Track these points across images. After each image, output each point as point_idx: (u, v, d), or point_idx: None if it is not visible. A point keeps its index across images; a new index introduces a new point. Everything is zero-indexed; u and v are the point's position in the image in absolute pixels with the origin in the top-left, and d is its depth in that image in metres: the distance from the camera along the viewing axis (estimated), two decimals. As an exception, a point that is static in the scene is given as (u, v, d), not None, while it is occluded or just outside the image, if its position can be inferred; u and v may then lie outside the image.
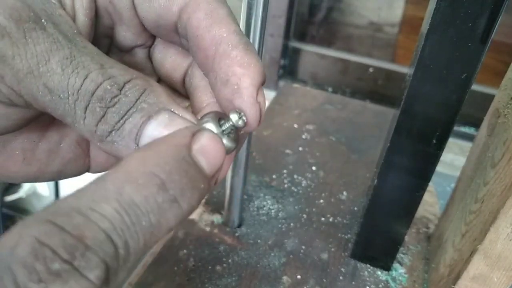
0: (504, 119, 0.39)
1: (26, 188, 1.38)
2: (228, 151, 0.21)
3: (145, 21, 0.24)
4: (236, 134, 0.22)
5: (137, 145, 0.20)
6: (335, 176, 0.65)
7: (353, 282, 0.49)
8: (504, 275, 0.39)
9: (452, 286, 0.43)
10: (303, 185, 0.62)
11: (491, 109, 0.44)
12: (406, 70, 0.42)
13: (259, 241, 0.52)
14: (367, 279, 0.49)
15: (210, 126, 0.21)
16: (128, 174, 0.17)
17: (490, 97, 0.44)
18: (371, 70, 1.14)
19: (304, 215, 0.57)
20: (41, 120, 0.24)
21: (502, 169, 0.37)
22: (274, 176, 0.63)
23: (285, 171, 0.64)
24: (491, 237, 0.38)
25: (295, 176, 0.63)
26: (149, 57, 0.27)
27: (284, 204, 0.58)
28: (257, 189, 0.60)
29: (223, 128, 0.21)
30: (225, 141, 0.21)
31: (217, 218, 0.54)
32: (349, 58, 1.16)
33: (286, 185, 0.61)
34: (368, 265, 0.51)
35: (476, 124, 1.04)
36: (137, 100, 0.20)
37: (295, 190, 0.61)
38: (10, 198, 1.36)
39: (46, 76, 0.19)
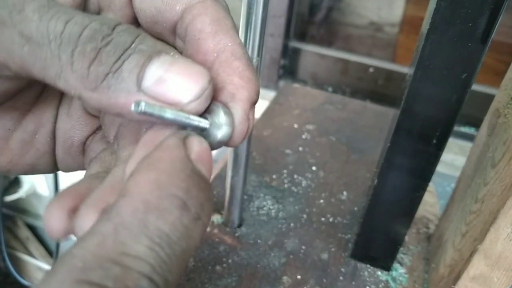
0: (504, 119, 0.39)
1: (26, 188, 1.38)
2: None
3: (140, 14, 0.22)
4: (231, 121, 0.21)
5: (140, 87, 0.18)
6: (335, 176, 0.65)
7: (353, 282, 0.49)
8: (504, 275, 0.39)
9: (452, 286, 0.43)
10: (303, 185, 0.62)
11: (491, 109, 0.44)
12: (406, 70, 0.42)
13: (259, 241, 0.52)
14: (367, 279, 0.49)
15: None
16: (146, 202, 0.15)
17: (490, 97, 0.44)
18: (371, 70, 1.14)
19: (304, 215, 0.57)
20: (17, 106, 0.23)
21: (502, 169, 0.37)
22: (274, 176, 0.63)
23: (285, 171, 0.64)
24: (491, 237, 0.38)
25: (295, 176, 0.63)
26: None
27: (284, 204, 0.58)
28: (257, 189, 0.60)
29: (215, 119, 0.20)
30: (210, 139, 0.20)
31: (217, 218, 0.54)
32: (349, 58, 1.16)
33: (286, 185, 0.61)
34: (368, 265, 0.51)
35: (476, 124, 1.04)
36: (132, 42, 0.18)
37: (295, 190, 0.61)
38: (10, 198, 1.36)
39: (21, 24, 0.17)
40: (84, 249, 0.14)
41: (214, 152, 0.82)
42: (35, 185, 1.40)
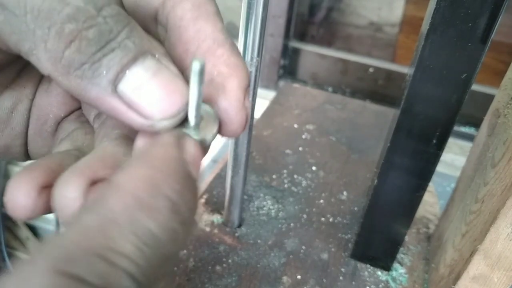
0: (504, 119, 0.39)
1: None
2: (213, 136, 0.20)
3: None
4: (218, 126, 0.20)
5: (115, 88, 0.16)
6: (335, 176, 0.65)
7: (353, 282, 0.49)
8: (504, 275, 0.39)
9: (452, 286, 0.43)
10: (303, 185, 0.62)
11: (491, 109, 0.44)
12: (406, 70, 0.42)
13: (259, 241, 0.52)
14: (367, 279, 0.49)
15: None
16: (138, 199, 0.15)
17: (490, 97, 0.44)
18: (371, 70, 1.14)
19: (304, 215, 0.57)
20: None
21: (502, 169, 0.37)
22: (274, 176, 0.63)
23: (285, 171, 0.64)
24: (491, 237, 0.38)
25: (295, 176, 0.63)
26: None
27: (284, 204, 0.58)
28: (257, 189, 0.60)
29: (192, 123, 0.19)
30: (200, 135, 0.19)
31: (217, 218, 0.54)
32: (349, 58, 1.16)
33: (286, 185, 0.61)
34: (368, 265, 0.51)
35: (476, 124, 1.04)
36: (119, 33, 0.16)
37: (295, 190, 0.61)
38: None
39: None
40: (68, 239, 0.13)
41: (214, 152, 0.82)
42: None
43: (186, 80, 0.19)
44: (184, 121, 0.19)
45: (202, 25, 0.19)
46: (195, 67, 0.17)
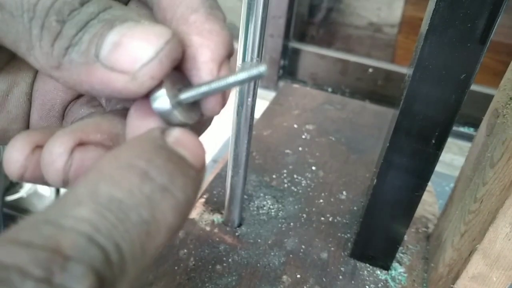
0: (503, 119, 0.39)
1: (27, 188, 1.38)
2: (193, 121, 0.19)
3: None
4: (198, 107, 0.19)
5: (97, 58, 0.16)
6: (335, 176, 0.65)
7: (353, 282, 0.49)
8: (503, 274, 0.39)
9: (451, 286, 0.43)
10: (303, 185, 0.62)
11: (490, 109, 0.44)
12: (405, 70, 0.42)
13: (259, 240, 0.52)
14: (367, 278, 0.50)
15: (162, 93, 0.17)
16: (100, 173, 0.14)
17: (489, 97, 0.45)
18: (370, 70, 1.14)
19: (304, 215, 0.57)
20: None
21: (501, 169, 0.37)
22: (274, 176, 0.63)
23: (285, 171, 0.64)
24: (490, 236, 0.38)
25: (295, 176, 0.63)
26: None
27: (284, 203, 0.58)
28: (257, 189, 0.60)
29: (182, 96, 0.18)
30: (184, 115, 0.18)
31: (217, 217, 0.54)
32: (348, 58, 1.16)
33: (286, 185, 0.61)
34: (368, 265, 0.51)
35: (475, 124, 1.04)
36: (99, 12, 0.16)
37: (295, 190, 0.61)
38: (11, 198, 1.36)
39: None
40: (31, 217, 0.13)
41: (214, 152, 0.82)
42: (36, 185, 1.40)
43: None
44: (175, 90, 0.18)
45: None
46: (254, 68, 0.16)
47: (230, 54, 0.19)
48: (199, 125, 0.21)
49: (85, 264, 0.12)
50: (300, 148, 0.70)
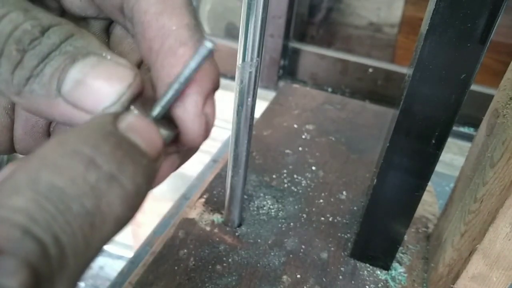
0: (503, 119, 0.39)
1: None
2: (164, 139, 0.18)
3: None
4: (170, 124, 0.19)
5: (59, 92, 0.16)
6: (335, 176, 0.65)
7: (353, 282, 0.49)
8: (503, 274, 0.40)
9: (451, 286, 0.43)
10: (303, 185, 0.62)
11: (490, 109, 0.44)
12: (405, 70, 0.42)
13: (259, 240, 0.52)
14: (367, 278, 0.50)
15: (134, 107, 0.17)
16: (42, 160, 0.14)
17: (489, 97, 0.45)
18: (370, 70, 1.14)
19: (304, 215, 0.57)
20: None
21: (501, 169, 0.37)
22: (274, 176, 0.63)
23: (285, 171, 0.64)
24: (490, 236, 0.38)
25: (295, 176, 0.63)
26: (107, 32, 0.23)
27: (284, 203, 0.58)
28: (257, 189, 0.60)
29: (154, 113, 0.18)
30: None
31: (217, 217, 0.54)
32: (348, 58, 1.16)
33: (286, 185, 0.61)
34: (368, 265, 0.51)
35: (475, 124, 1.04)
36: (61, 43, 0.16)
37: (295, 190, 0.61)
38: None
39: None
40: None
41: (214, 152, 0.82)
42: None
43: (155, 81, 0.18)
44: (149, 111, 0.18)
45: (166, 21, 0.18)
46: (201, 48, 0.16)
47: (216, 87, 0.19)
48: (187, 152, 0.21)
49: (18, 258, 0.11)
50: (300, 148, 0.70)
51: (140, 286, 0.45)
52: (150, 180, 0.16)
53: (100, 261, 1.53)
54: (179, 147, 0.20)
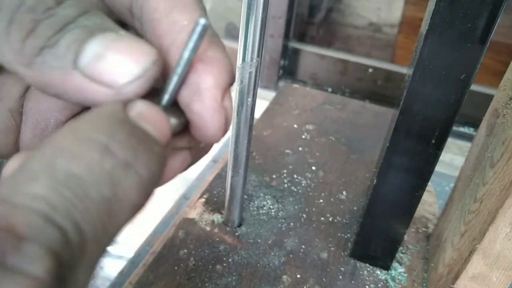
0: (503, 119, 0.39)
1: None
2: (172, 128, 0.18)
3: None
4: (179, 110, 0.18)
5: (75, 65, 0.16)
6: (335, 176, 0.65)
7: (353, 281, 0.49)
8: (503, 274, 0.40)
9: (451, 286, 0.43)
10: (303, 184, 0.62)
11: (490, 109, 0.44)
12: (405, 70, 0.42)
13: (259, 240, 0.52)
14: (367, 278, 0.50)
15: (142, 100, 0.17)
16: (57, 147, 0.13)
17: (489, 97, 0.45)
18: (370, 70, 1.14)
19: (304, 215, 0.57)
20: None
21: (501, 169, 0.37)
22: (274, 176, 0.63)
23: (285, 171, 0.64)
24: (490, 236, 0.38)
25: (295, 176, 0.63)
26: None
27: (284, 203, 0.58)
28: (257, 189, 0.60)
29: (164, 101, 0.18)
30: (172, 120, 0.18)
31: (217, 217, 0.54)
32: (348, 58, 1.16)
33: (286, 185, 0.62)
34: (368, 265, 0.51)
35: (475, 124, 1.04)
36: (78, 16, 0.16)
37: (295, 190, 0.61)
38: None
39: None
40: None
41: (214, 152, 0.82)
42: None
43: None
44: (156, 98, 0.18)
45: (177, 16, 0.18)
46: (196, 27, 0.16)
47: (232, 82, 0.18)
48: (200, 150, 0.21)
49: (41, 245, 0.11)
50: (300, 148, 0.70)
51: (140, 286, 0.45)
52: (163, 167, 0.16)
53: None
54: (191, 142, 0.19)
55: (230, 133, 0.46)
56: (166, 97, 0.18)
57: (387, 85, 1.14)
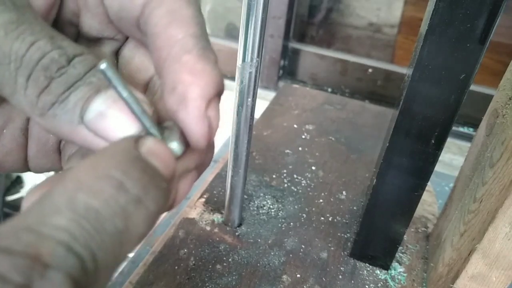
0: (502, 119, 0.39)
1: (27, 188, 1.38)
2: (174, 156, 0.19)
3: (109, 11, 0.22)
4: (181, 138, 0.20)
5: (82, 120, 0.18)
6: (335, 176, 0.65)
7: (352, 281, 0.49)
8: (503, 274, 0.40)
9: (451, 285, 0.43)
10: (302, 184, 0.62)
11: (490, 109, 0.44)
12: (405, 70, 0.42)
13: (259, 240, 0.52)
14: (366, 278, 0.50)
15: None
16: (78, 182, 0.15)
17: (489, 98, 0.45)
18: (370, 70, 1.15)
19: (304, 215, 0.57)
20: None
21: (501, 169, 0.37)
22: (274, 176, 0.63)
23: (285, 171, 0.64)
24: (490, 236, 0.38)
25: (295, 176, 0.64)
26: (117, 54, 0.25)
27: (284, 203, 0.58)
28: (257, 189, 0.60)
29: (166, 134, 0.19)
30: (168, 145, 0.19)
31: (217, 217, 0.55)
32: (348, 58, 1.16)
33: (286, 185, 0.62)
34: (367, 264, 0.51)
35: (475, 124, 1.04)
36: (85, 73, 0.18)
37: (295, 189, 0.61)
38: (11, 197, 1.36)
39: None
40: (7, 224, 0.14)
41: (214, 152, 0.82)
42: (37, 183, 1.40)
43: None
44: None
45: (173, 31, 0.19)
46: (101, 69, 0.17)
47: (219, 93, 0.19)
48: (200, 166, 0.22)
49: (63, 272, 0.13)
50: (300, 148, 0.70)
51: (140, 285, 0.45)
52: (167, 200, 0.18)
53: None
54: (197, 161, 0.21)
55: (230, 133, 0.46)
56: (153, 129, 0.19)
57: (387, 85, 1.14)
